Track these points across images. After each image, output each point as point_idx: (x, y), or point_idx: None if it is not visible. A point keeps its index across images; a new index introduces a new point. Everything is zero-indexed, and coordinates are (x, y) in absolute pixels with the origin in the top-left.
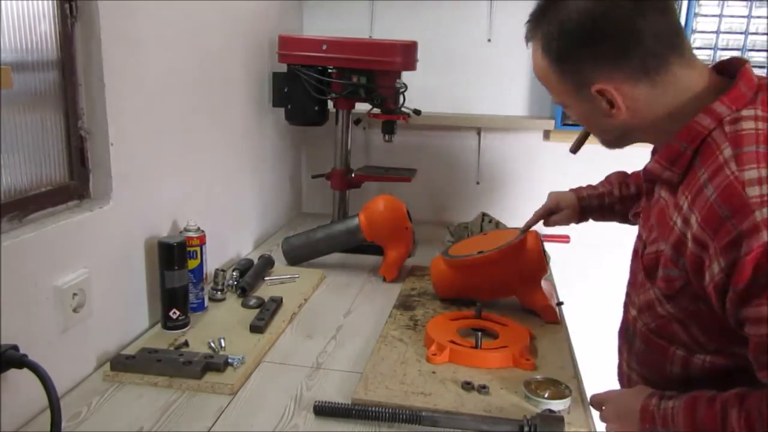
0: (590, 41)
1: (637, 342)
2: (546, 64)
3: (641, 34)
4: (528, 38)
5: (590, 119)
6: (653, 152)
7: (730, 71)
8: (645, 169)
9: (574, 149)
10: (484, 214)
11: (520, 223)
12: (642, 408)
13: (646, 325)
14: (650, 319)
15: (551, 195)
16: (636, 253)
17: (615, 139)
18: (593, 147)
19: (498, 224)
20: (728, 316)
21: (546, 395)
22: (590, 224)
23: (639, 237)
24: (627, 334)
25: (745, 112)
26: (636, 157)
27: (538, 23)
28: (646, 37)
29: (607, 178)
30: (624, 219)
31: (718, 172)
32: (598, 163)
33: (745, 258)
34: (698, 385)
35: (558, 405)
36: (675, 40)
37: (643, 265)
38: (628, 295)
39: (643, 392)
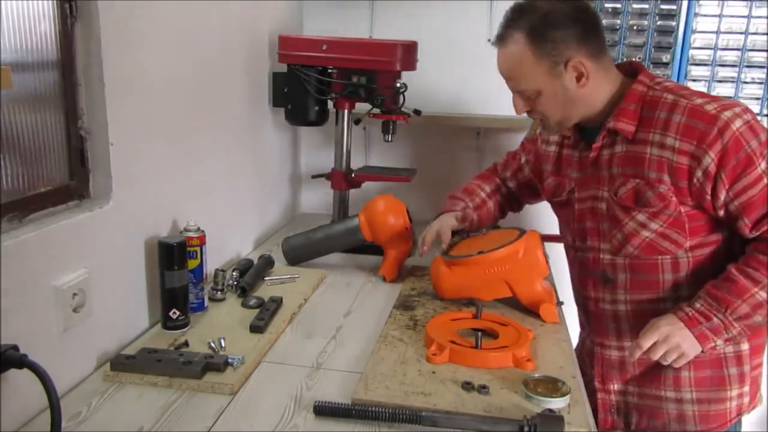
0: (565, 24)
1: (621, 275)
2: (527, 50)
3: (600, 24)
4: (502, 38)
5: (557, 95)
6: (567, 137)
7: (625, 70)
8: (613, 128)
9: (529, 136)
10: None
11: (520, 224)
12: (683, 320)
13: (629, 255)
14: (633, 248)
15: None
16: (593, 209)
17: (564, 119)
18: None
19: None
20: (718, 200)
21: (545, 393)
22: None
23: (595, 198)
24: (603, 278)
25: (658, 79)
26: None
27: (518, 19)
28: (601, 26)
29: (471, 193)
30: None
31: (674, 106)
32: None
33: (728, 143)
34: (687, 282)
35: (558, 403)
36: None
37: (622, 203)
38: (591, 248)
39: (666, 318)
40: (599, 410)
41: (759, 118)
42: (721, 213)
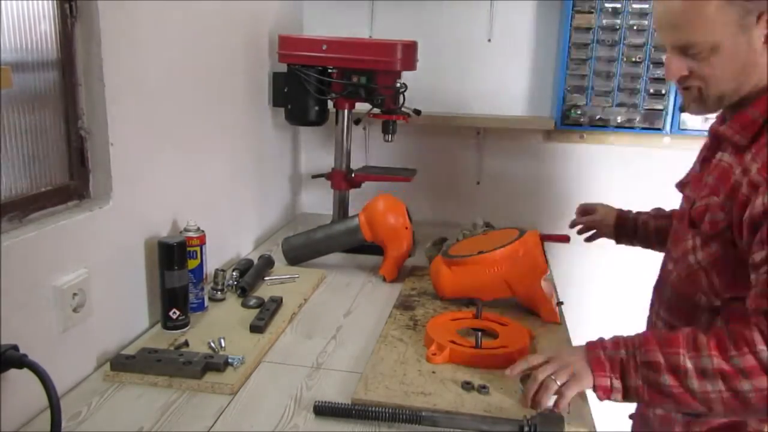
0: None
1: (668, 291)
2: None
3: None
4: None
5: (738, 55)
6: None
7: None
8: (716, 130)
9: (685, 108)
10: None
11: (520, 225)
12: (588, 344)
13: (678, 274)
14: (682, 268)
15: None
16: (681, 214)
17: (730, 93)
18: (596, 147)
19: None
20: (749, 253)
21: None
22: None
23: (686, 199)
24: (660, 285)
25: None
26: (639, 164)
27: None
28: None
29: (650, 212)
30: (649, 246)
31: None
32: (596, 164)
33: None
34: None
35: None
36: None
37: (691, 217)
38: (668, 251)
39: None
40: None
41: None
42: (752, 275)
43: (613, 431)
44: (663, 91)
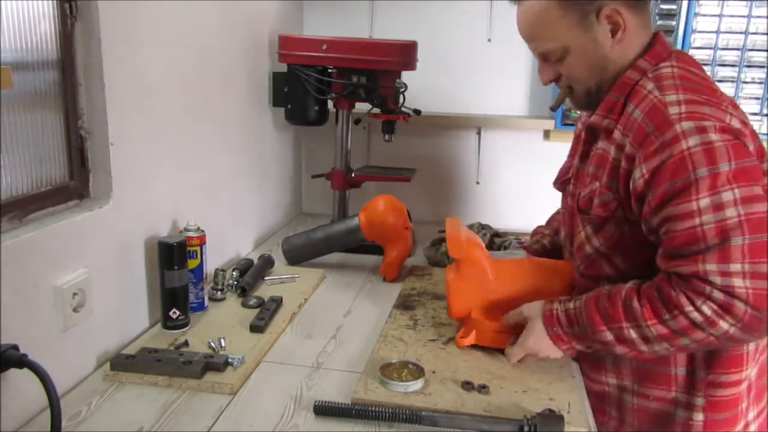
0: None
1: (576, 291)
2: (553, 3)
3: None
4: None
5: (587, 53)
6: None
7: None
8: (588, 123)
9: (555, 106)
10: (481, 225)
11: (520, 225)
12: (544, 314)
13: (578, 269)
14: (580, 262)
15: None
16: (570, 210)
17: (595, 88)
18: None
19: (494, 236)
20: (644, 222)
21: (400, 378)
22: None
23: (570, 195)
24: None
25: (662, 65)
26: None
27: None
28: None
29: (551, 220)
30: None
31: (643, 99)
32: None
33: (668, 161)
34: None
35: (415, 385)
36: None
37: (579, 207)
38: (569, 251)
39: (533, 305)
40: None
41: (759, 117)
42: (646, 232)
43: None
44: None
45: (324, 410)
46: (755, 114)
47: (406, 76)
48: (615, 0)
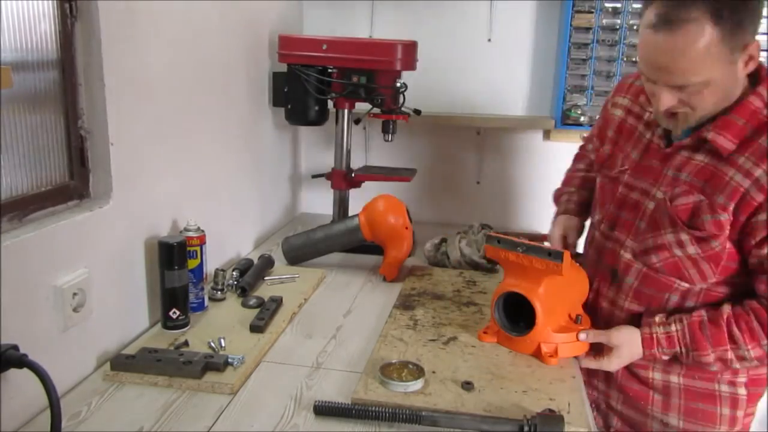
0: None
1: (630, 280)
2: (713, 35)
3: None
4: (672, 20)
5: (725, 87)
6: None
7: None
8: (712, 140)
9: (679, 134)
10: (481, 225)
11: (521, 224)
12: (644, 338)
13: (649, 265)
14: (657, 260)
15: (557, 227)
16: (637, 203)
17: (711, 112)
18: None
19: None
20: (761, 246)
21: (402, 378)
22: None
23: (645, 190)
24: (612, 275)
25: None
26: None
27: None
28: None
29: (570, 181)
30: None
31: None
32: None
33: None
34: (688, 309)
35: (414, 385)
36: None
37: (675, 214)
38: (616, 240)
39: (631, 328)
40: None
41: None
42: (753, 261)
43: None
44: None
45: (324, 410)
46: None
47: (406, 76)
48: (754, 36)
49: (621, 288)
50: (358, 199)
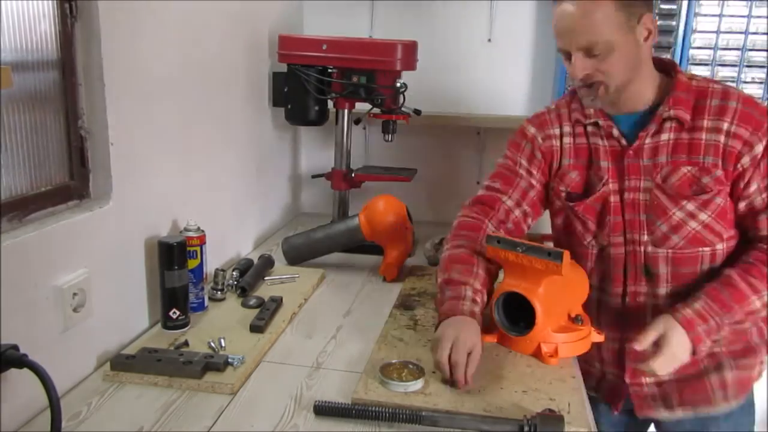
0: None
1: (663, 268)
2: (609, 2)
3: None
4: None
5: (629, 52)
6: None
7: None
8: (675, 116)
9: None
10: None
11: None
12: (681, 322)
13: (673, 247)
14: (679, 239)
15: (461, 340)
16: (633, 200)
17: (626, 82)
18: None
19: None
20: (748, 186)
21: (402, 378)
22: None
23: (633, 187)
24: (645, 272)
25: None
26: None
27: None
28: None
29: (470, 267)
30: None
31: (727, 94)
32: None
33: None
34: (718, 270)
35: (414, 385)
36: None
37: (674, 191)
38: (630, 242)
39: (664, 319)
40: (634, 400)
41: None
42: (742, 206)
43: None
44: None
45: (324, 410)
46: None
47: (406, 76)
48: (649, 9)
49: (657, 279)
50: (358, 199)
